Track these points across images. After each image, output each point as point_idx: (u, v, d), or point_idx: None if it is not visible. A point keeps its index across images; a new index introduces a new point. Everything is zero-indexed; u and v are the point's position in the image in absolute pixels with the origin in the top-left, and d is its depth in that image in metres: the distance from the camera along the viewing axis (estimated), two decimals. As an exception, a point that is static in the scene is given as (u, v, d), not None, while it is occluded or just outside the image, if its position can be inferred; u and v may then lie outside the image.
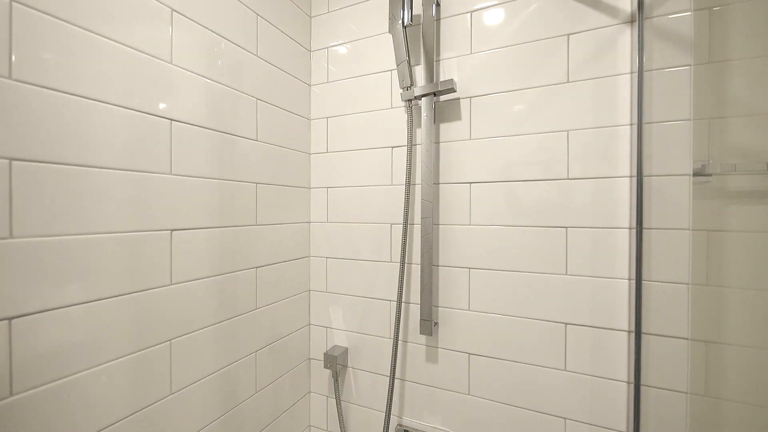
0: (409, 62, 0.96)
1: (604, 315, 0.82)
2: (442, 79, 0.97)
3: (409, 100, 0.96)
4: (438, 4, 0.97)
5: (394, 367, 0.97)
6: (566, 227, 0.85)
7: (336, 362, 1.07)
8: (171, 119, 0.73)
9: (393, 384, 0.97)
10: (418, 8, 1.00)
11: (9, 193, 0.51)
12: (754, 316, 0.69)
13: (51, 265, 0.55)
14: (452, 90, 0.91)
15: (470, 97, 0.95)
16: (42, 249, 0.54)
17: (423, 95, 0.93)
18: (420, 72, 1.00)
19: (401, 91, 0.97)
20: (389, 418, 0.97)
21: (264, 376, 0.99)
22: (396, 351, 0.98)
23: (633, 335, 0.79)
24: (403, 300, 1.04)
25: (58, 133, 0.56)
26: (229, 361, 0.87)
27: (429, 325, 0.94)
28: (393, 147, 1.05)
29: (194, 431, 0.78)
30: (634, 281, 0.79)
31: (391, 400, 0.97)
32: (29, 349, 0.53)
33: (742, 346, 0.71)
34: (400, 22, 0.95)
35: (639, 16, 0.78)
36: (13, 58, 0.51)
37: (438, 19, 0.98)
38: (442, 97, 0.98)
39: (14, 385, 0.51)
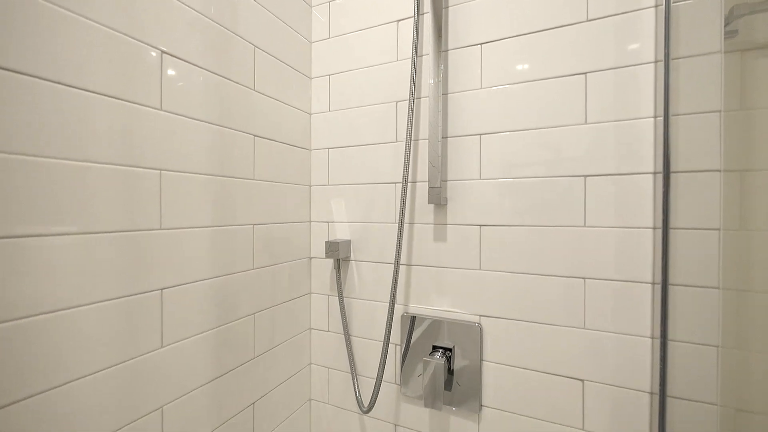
0: None
1: (629, 161, 0.75)
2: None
3: (417, -42, 0.91)
4: None
5: (400, 246, 0.91)
6: (585, 73, 0.79)
7: (338, 250, 1.01)
8: (161, -69, 0.67)
9: (398, 267, 0.91)
10: None
11: None
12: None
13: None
14: (462, -60, 0.85)
15: (481, -47, 0.89)
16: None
17: (431, -52, 0.88)
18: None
19: (408, -52, 0.92)
20: (393, 306, 0.91)
21: (261, 256, 0.93)
22: (402, 231, 0.91)
23: (661, 176, 0.73)
24: (409, 180, 0.98)
25: None
26: (224, 222, 0.82)
27: (437, 192, 0.88)
28: (399, 20, 0.99)
29: (190, 279, 0.73)
30: (662, 118, 0.73)
31: (395, 285, 0.91)
32: None
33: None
34: None
35: None
36: None
37: None
38: (452, -44, 0.92)
39: None
